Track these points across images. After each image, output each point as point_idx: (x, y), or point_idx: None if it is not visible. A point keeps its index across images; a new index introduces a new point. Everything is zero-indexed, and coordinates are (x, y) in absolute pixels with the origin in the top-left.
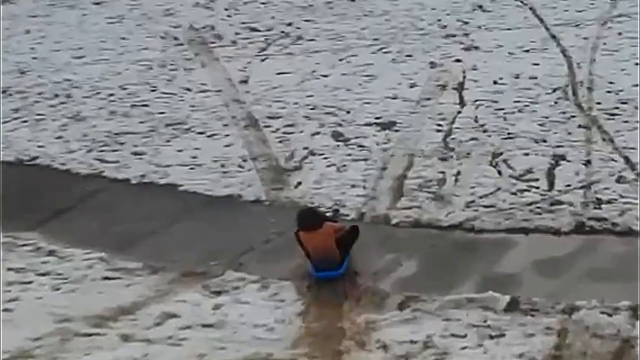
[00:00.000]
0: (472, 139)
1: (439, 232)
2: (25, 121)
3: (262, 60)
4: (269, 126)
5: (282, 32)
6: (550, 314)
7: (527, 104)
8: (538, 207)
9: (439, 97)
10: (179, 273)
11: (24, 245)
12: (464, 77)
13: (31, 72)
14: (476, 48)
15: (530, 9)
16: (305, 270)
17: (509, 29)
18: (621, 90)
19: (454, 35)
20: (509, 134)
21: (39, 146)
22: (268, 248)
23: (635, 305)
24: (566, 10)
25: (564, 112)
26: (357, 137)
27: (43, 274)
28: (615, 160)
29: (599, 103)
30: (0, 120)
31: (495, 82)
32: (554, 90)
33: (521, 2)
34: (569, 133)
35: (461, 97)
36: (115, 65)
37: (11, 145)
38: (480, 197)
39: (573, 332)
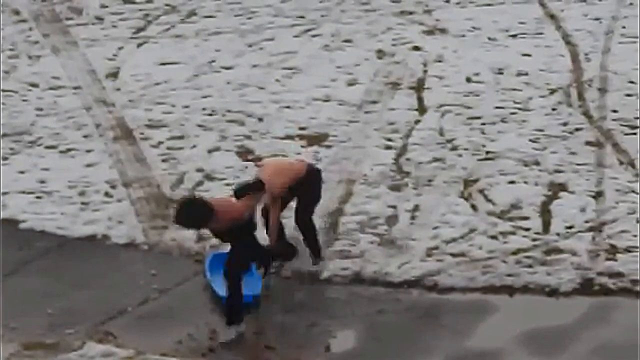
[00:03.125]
0: (436, 159)
1: (388, 291)
2: None
3: (139, 45)
4: (148, 138)
5: (168, 5)
6: None
7: (513, 110)
8: (527, 257)
9: (389, 100)
10: (20, 344)
11: None
12: (425, 71)
13: None
14: (442, 31)
15: None
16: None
17: (489, 4)
18: None
19: (410, 13)
20: (487, 153)
21: None
22: (146, 311)
23: None
24: None
25: (565, 123)
26: (273, 155)
27: None
28: (637, 192)
29: (615, 111)
30: None
31: (469, 80)
32: (552, 91)
33: None
34: (572, 153)
35: (420, 101)
36: None
37: None
38: (447, 243)
39: None
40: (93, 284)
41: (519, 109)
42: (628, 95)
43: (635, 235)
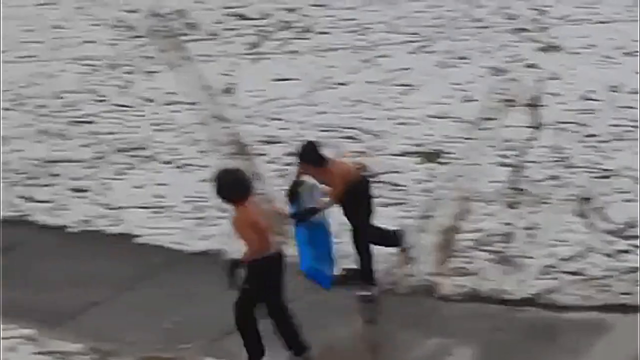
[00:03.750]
0: (552, 177)
1: (504, 309)
2: None
3: (254, 61)
4: (263, 154)
5: (282, 21)
6: None
7: (628, 128)
8: None
9: (504, 117)
10: (137, 359)
11: None
12: (540, 89)
13: None
14: (557, 48)
15: None
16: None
17: (603, 22)
18: None
19: (525, 30)
20: (602, 170)
21: None
22: (262, 327)
23: None
24: None
25: None
26: (388, 172)
27: None
28: None
29: None
30: None
31: (584, 98)
32: None
33: None
34: None
35: (536, 118)
36: (45, 64)
37: None
38: (563, 261)
39: None
40: (209, 299)
41: (634, 126)
42: None
43: None
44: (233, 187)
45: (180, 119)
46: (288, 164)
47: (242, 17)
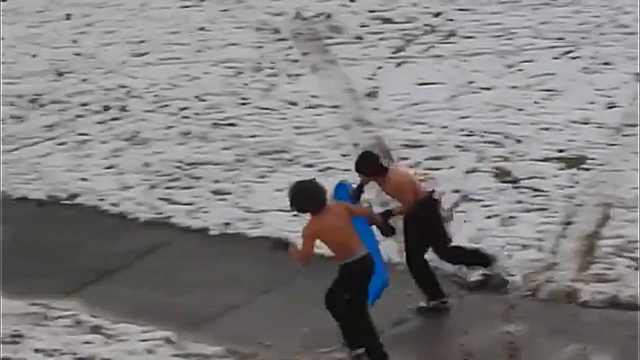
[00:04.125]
0: None
1: None
2: (62, 143)
3: (398, 64)
4: (406, 158)
5: (427, 25)
6: None
7: None
8: None
9: None
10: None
11: (58, 317)
12: None
13: (72, 75)
14: None
15: None
16: None
17: None
18: None
19: None
20: None
21: (82, 179)
22: (400, 332)
23: None
24: None
25: None
26: (530, 177)
27: None
28: None
29: None
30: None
31: None
32: None
33: None
34: None
35: None
36: (189, 67)
37: (43, 176)
38: None
39: None
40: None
41: None
42: None
43: None
44: (305, 199)
45: (322, 123)
46: (429, 169)
47: (387, 20)
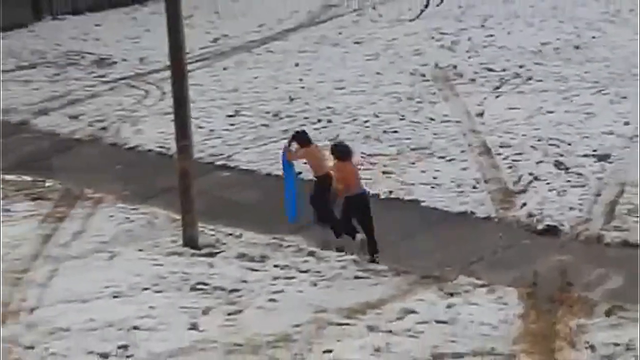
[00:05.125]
0: None
1: None
2: None
3: (497, 97)
4: (500, 154)
5: (515, 73)
6: None
7: None
8: None
9: None
10: (419, 276)
11: (288, 246)
12: None
13: (299, 100)
14: None
15: None
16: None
17: None
18: None
19: None
20: None
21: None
22: (496, 259)
23: None
24: None
25: None
26: (576, 167)
27: (304, 271)
28: None
29: None
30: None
31: None
32: None
33: None
34: None
35: None
36: (370, 96)
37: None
38: None
39: None
40: (463, 241)
41: None
42: None
43: None
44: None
45: (451, 131)
46: (514, 161)
47: (491, 70)
